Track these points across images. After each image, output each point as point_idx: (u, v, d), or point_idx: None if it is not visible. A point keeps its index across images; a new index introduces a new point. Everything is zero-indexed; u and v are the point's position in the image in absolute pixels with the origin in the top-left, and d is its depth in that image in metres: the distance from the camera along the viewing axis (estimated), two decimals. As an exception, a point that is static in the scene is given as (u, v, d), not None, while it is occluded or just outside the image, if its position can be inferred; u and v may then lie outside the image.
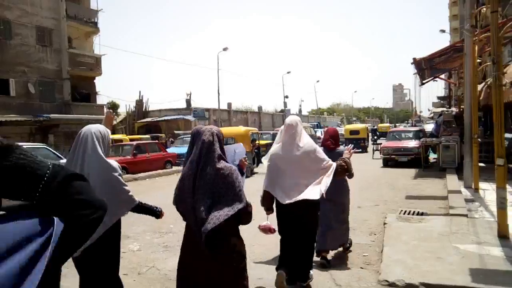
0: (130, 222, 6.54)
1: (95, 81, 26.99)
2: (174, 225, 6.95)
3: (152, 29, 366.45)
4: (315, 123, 38.11)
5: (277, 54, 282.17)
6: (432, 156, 15.73)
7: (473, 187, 9.00)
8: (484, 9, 9.21)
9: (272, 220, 3.93)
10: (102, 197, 1.19)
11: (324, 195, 3.67)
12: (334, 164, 3.89)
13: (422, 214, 7.15)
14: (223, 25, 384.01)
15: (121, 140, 23.36)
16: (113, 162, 2.86)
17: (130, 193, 2.91)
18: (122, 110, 37.41)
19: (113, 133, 28.83)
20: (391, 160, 15.98)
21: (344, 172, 4.05)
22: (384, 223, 6.48)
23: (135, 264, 5.14)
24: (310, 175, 3.76)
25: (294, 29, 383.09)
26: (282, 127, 4.00)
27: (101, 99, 29.20)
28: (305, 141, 3.82)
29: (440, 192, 9.35)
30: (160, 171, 16.28)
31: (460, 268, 4.34)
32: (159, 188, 12.27)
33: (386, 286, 4.09)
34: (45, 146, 10.51)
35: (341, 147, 4.94)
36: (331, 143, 4.82)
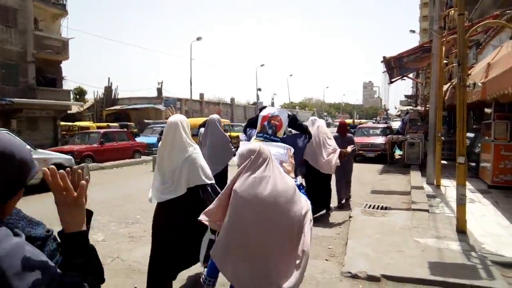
0: (95, 212, 6.39)
1: (61, 65, 25.98)
2: (141, 215, 6.86)
3: (123, 15, 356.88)
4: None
5: (251, 47, 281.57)
6: (398, 153, 16.17)
7: (435, 183, 9.33)
8: (452, 11, 9.49)
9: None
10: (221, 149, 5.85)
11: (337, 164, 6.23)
12: (339, 150, 6.31)
13: (386, 208, 7.35)
14: (197, 15, 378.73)
15: (88, 128, 22.77)
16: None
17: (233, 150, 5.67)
18: (90, 97, 36.41)
19: (79, 120, 28.04)
20: (359, 156, 16.31)
21: (341, 156, 6.38)
22: (350, 217, 6.63)
23: (99, 254, 5.03)
24: (326, 152, 6.20)
25: (269, 23, 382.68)
26: (310, 121, 6.47)
27: (68, 85, 28.24)
28: (325, 131, 6.37)
29: (404, 188, 9.64)
30: (128, 160, 15.98)
31: (420, 261, 4.50)
32: (126, 177, 12.05)
33: (349, 278, 4.20)
34: (7, 132, 10.07)
35: (349, 135, 7.75)
36: (342, 132, 7.50)
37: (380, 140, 16.27)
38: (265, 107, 3.99)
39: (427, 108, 14.50)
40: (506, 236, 5.50)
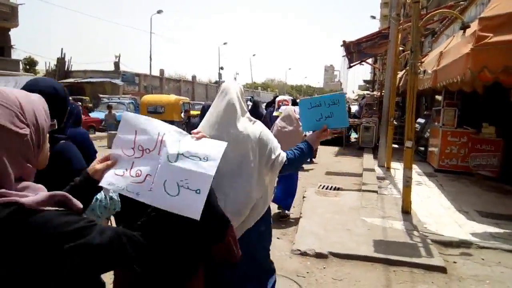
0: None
1: (10, 33, 24.43)
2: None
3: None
4: (249, 97, 38.37)
5: (214, 24, 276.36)
6: (354, 136, 16.63)
7: (385, 166, 9.72)
8: (410, -1, 9.72)
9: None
10: None
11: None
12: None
13: (338, 189, 7.59)
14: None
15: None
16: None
17: None
18: (41, 68, 34.55)
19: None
20: (317, 138, 16.60)
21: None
22: (303, 197, 6.79)
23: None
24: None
25: (232, 1, 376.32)
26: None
27: (17, 54, 26.67)
28: None
29: (357, 170, 9.96)
30: (81, 136, 15.43)
31: (366, 239, 4.71)
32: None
33: (298, 255, 4.34)
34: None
35: None
36: None
37: (338, 123, 16.62)
38: (277, 95, 6.34)
39: (383, 93, 14.93)
40: (447, 216, 5.85)
